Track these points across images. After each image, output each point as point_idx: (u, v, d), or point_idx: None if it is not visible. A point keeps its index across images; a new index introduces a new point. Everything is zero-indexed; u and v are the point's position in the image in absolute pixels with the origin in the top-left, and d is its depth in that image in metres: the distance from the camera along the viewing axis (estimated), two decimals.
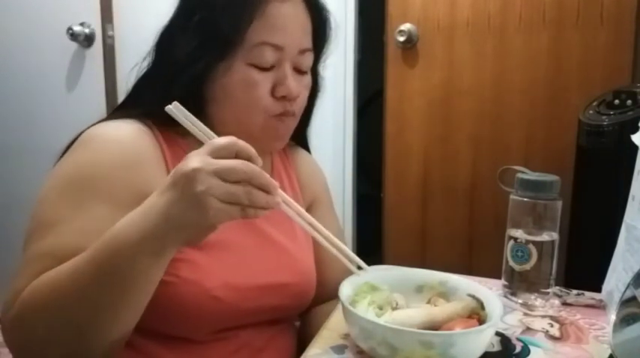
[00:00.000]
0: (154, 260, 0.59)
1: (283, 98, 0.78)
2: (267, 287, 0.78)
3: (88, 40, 1.86)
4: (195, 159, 0.56)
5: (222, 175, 0.56)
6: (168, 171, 0.74)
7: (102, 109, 1.83)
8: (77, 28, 1.84)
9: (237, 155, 0.58)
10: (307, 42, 0.79)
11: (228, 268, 0.75)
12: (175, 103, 0.62)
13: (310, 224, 0.68)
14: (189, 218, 0.56)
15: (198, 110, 0.78)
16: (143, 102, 0.79)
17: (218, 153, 0.57)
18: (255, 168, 0.58)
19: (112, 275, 0.59)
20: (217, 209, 0.55)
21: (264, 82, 0.76)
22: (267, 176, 0.59)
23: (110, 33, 1.83)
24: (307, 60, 0.80)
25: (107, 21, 1.83)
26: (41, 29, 1.91)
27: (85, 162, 0.71)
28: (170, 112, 0.62)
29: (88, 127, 0.77)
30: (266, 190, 0.58)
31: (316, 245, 0.89)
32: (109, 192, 0.69)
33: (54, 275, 0.62)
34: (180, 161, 0.58)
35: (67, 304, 0.60)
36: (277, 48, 0.75)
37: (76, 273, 0.60)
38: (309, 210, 0.93)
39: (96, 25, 1.85)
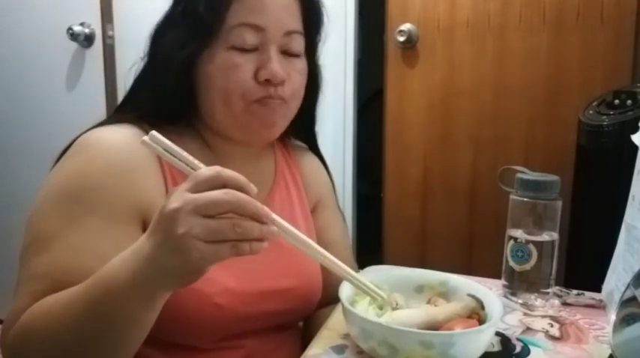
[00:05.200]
0: (145, 304, 0.57)
1: (267, 82, 0.74)
2: (269, 293, 0.77)
3: (88, 40, 1.86)
4: (174, 198, 0.52)
5: (203, 211, 0.51)
6: (165, 177, 0.74)
7: (102, 109, 1.83)
8: (77, 28, 1.83)
9: (225, 186, 0.52)
10: (294, 24, 0.77)
11: (229, 274, 0.73)
12: (152, 134, 0.55)
13: (310, 248, 0.64)
14: (173, 262, 0.52)
15: (191, 104, 0.79)
16: (140, 102, 0.78)
17: (201, 187, 0.52)
18: (241, 197, 0.52)
19: (104, 318, 0.58)
20: (202, 251, 0.51)
21: (245, 64, 0.74)
22: (258, 204, 0.53)
23: (110, 33, 1.83)
24: (296, 43, 0.77)
25: (107, 21, 1.83)
26: (41, 29, 1.90)
27: (78, 172, 0.70)
28: (146, 145, 0.55)
29: (84, 132, 0.75)
30: (258, 220, 0.53)
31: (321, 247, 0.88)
32: (103, 204, 0.68)
33: (50, 309, 0.61)
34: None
35: (62, 340, 0.60)
36: (257, 29, 0.73)
37: (70, 311, 0.59)
38: (313, 211, 0.93)
39: (96, 25, 1.84)
